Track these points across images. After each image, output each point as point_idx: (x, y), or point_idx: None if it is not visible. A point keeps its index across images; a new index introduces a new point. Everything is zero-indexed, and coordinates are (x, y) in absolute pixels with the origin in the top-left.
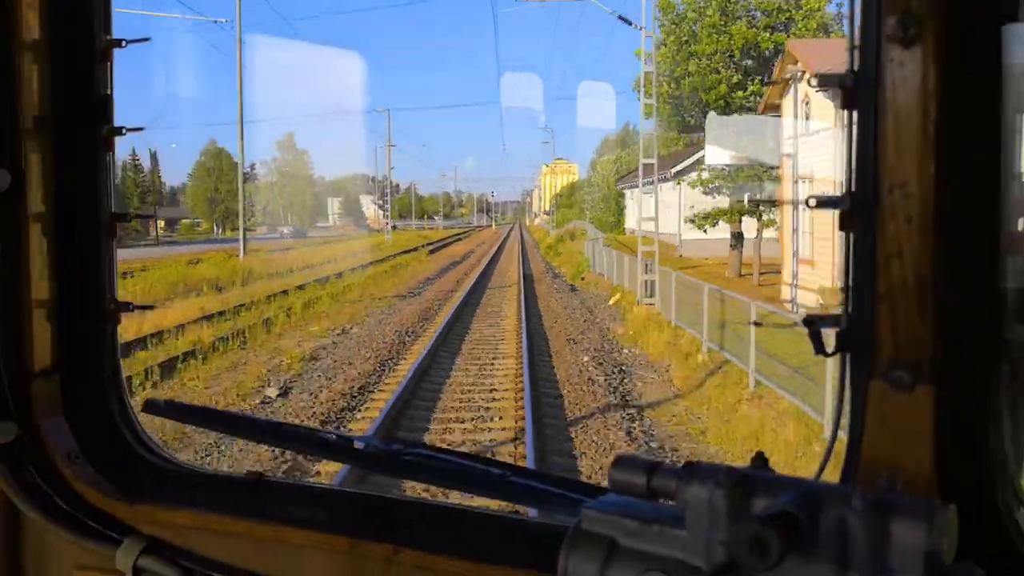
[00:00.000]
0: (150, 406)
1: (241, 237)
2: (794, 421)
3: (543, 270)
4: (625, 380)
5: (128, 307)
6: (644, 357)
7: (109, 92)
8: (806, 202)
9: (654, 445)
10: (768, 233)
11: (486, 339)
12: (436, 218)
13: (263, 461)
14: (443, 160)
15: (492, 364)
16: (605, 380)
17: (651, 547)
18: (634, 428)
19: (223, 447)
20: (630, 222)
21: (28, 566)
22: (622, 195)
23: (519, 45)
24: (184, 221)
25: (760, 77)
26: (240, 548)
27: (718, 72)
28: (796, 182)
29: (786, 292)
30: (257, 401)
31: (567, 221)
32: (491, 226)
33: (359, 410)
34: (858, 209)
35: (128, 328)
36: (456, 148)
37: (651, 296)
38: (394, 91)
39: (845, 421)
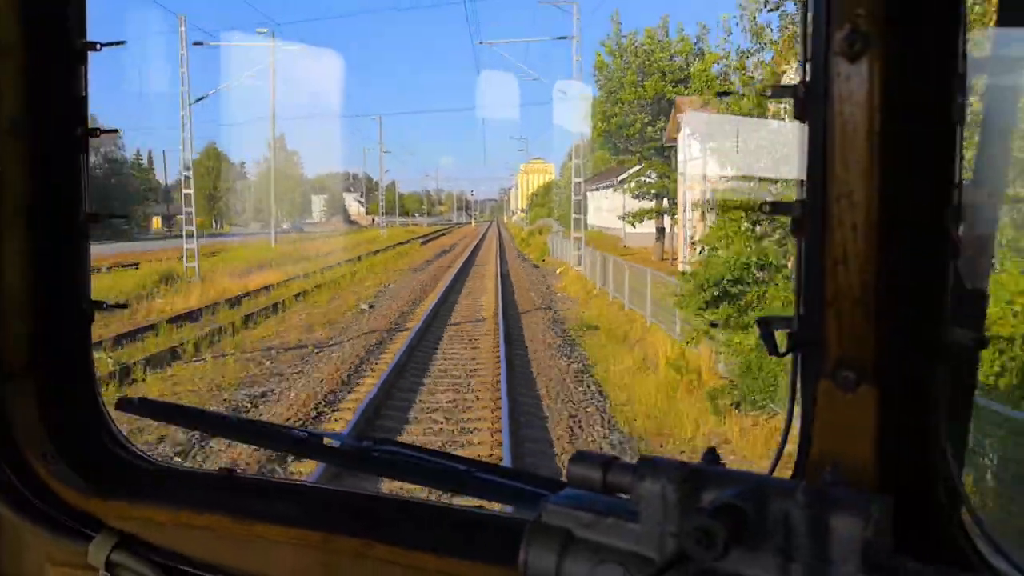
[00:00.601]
0: (123, 404)
1: (272, 229)
2: (619, 310)
3: (515, 256)
4: (551, 302)
5: (101, 306)
6: (565, 295)
7: (84, 94)
8: (760, 207)
9: (559, 317)
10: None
11: (476, 290)
12: (417, 215)
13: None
14: (423, 159)
15: (480, 303)
16: (541, 302)
17: (606, 539)
18: (548, 315)
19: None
20: (592, 219)
21: (3, 562)
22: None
23: (496, 50)
24: (179, 217)
25: (665, 118)
26: (212, 543)
27: (635, 115)
28: (685, 192)
29: (680, 267)
30: (357, 311)
31: (538, 218)
32: (471, 223)
33: (410, 317)
34: (808, 217)
35: (272, 280)
36: (435, 147)
37: (580, 266)
38: (374, 92)
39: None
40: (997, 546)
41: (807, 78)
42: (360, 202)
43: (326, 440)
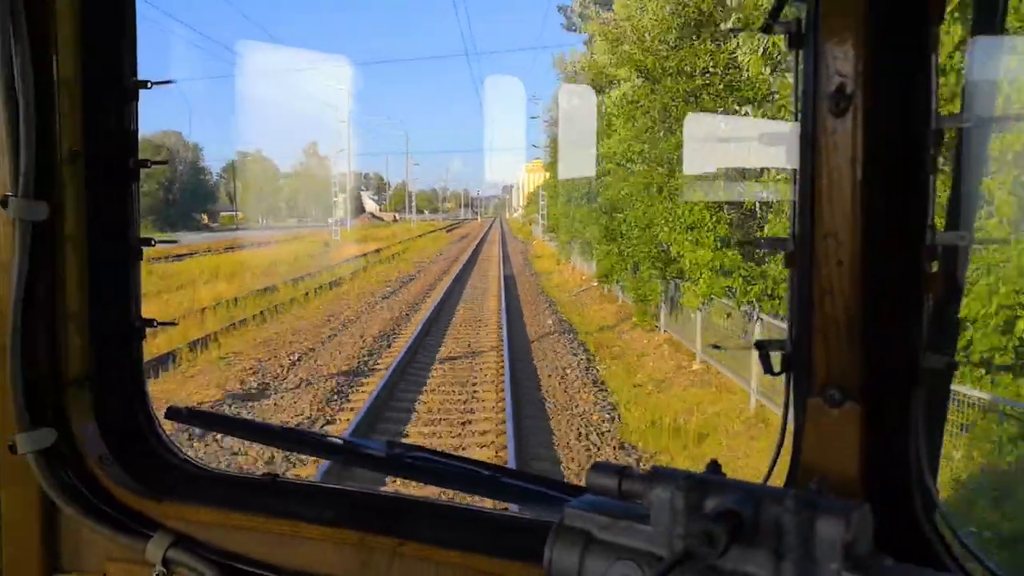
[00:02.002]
0: (172, 413)
1: (336, 221)
2: (553, 255)
3: (511, 237)
4: (525, 251)
5: (152, 323)
6: (533, 251)
7: (135, 128)
8: (756, 242)
9: (527, 257)
10: None
11: (488, 256)
12: (426, 212)
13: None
14: (430, 158)
15: (492, 253)
16: (520, 251)
17: (622, 540)
18: (521, 255)
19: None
20: None
21: (64, 558)
22: None
23: (500, 56)
24: (224, 214)
25: None
26: (257, 542)
27: None
28: None
29: None
30: (436, 255)
31: (532, 213)
32: (477, 219)
33: (461, 258)
34: (798, 252)
35: (351, 250)
36: (442, 146)
37: (543, 238)
38: (382, 93)
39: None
40: (968, 549)
41: (799, 128)
42: (374, 200)
43: (362, 449)
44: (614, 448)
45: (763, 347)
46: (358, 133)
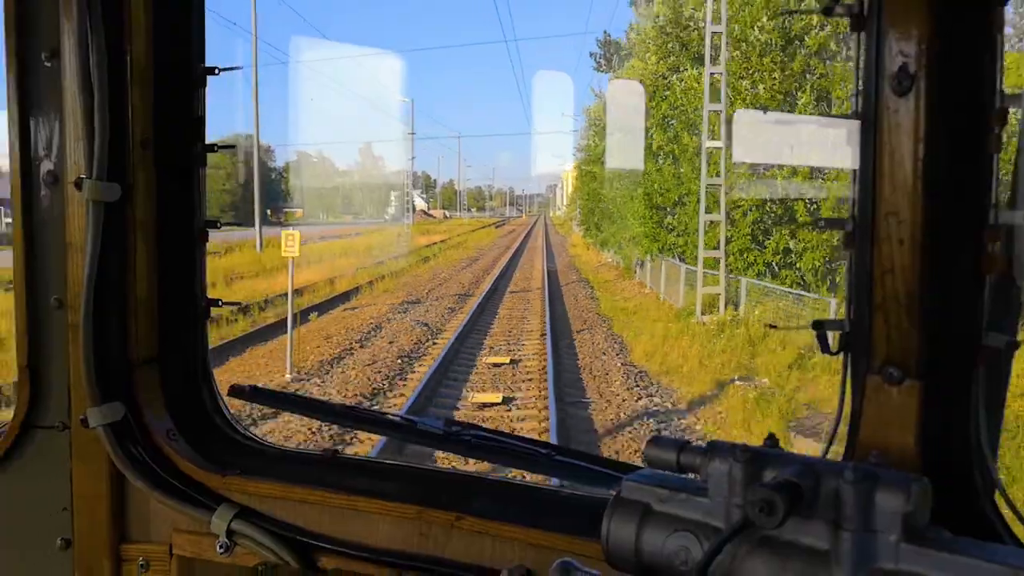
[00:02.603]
0: (235, 391)
1: (411, 216)
2: (585, 242)
3: (554, 233)
4: (563, 239)
5: (217, 303)
6: (570, 239)
7: (203, 114)
8: (815, 223)
9: (564, 242)
10: None
11: (534, 246)
12: (472, 210)
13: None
14: (476, 157)
15: (538, 243)
16: (559, 240)
17: (679, 511)
18: (560, 241)
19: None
20: None
21: (133, 529)
22: None
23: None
24: (287, 210)
25: None
26: (318, 515)
27: None
28: None
29: None
30: (496, 240)
31: (573, 211)
32: (522, 216)
33: (514, 245)
34: (858, 231)
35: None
36: (488, 145)
37: (577, 230)
38: (430, 91)
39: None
40: None
41: (859, 108)
42: (423, 198)
43: (421, 426)
44: (596, 315)
45: (820, 326)
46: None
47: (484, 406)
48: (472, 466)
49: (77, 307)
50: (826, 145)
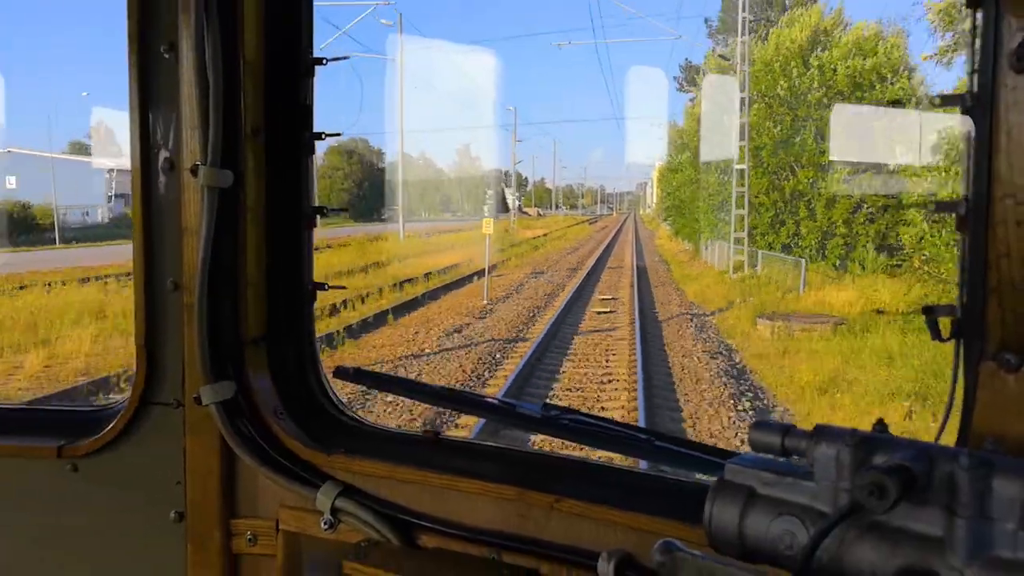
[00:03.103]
0: (340, 372)
1: (515, 213)
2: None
3: (642, 228)
4: (651, 233)
5: (323, 287)
6: (656, 232)
7: (311, 103)
8: (926, 204)
9: (650, 234)
10: None
11: (624, 239)
12: (563, 208)
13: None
14: (568, 155)
15: (626, 238)
16: (648, 239)
17: (784, 495)
18: (649, 243)
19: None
20: None
21: (241, 504)
22: None
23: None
24: (394, 208)
25: None
26: (419, 494)
27: None
28: None
29: None
30: (592, 234)
31: (661, 208)
32: (613, 213)
33: (606, 240)
34: (972, 214)
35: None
36: (580, 143)
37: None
38: (522, 92)
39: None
40: None
41: (974, 88)
42: (515, 196)
43: (520, 409)
44: (669, 279)
45: (931, 312)
46: (502, 134)
47: (599, 313)
48: (569, 449)
49: (192, 289)
50: (917, 138)
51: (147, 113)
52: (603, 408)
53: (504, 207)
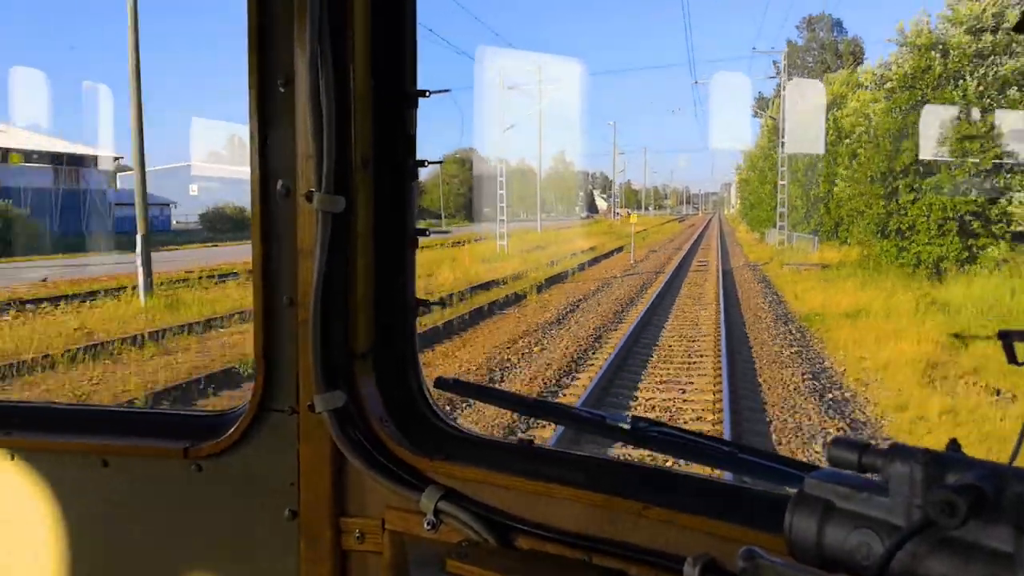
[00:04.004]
0: (440, 383)
1: (586, 216)
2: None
3: (726, 226)
4: (732, 234)
5: (426, 303)
6: (736, 229)
7: (414, 133)
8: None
9: (732, 239)
10: None
11: (711, 235)
12: (650, 208)
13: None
14: (654, 158)
15: (712, 234)
16: (731, 235)
17: (861, 509)
18: (730, 237)
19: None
20: None
21: (350, 505)
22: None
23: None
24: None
25: None
26: (514, 499)
27: None
28: None
29: None
30: (683, 231)
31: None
32: (698, 213)
33: (691, 239)
34: None
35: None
36: (666, 145)
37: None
38: (611, 96)
39: None
40: None
41: None
42: (603, 198)
43: (609, 421)
44: (741, 252)
45: (1007, 337)
46: (590, 137)
47: (697, 268)
48: (653, 458)
49: (306, 305)
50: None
51: (265, 142)
52: (701, 294)
53: (593, 208)
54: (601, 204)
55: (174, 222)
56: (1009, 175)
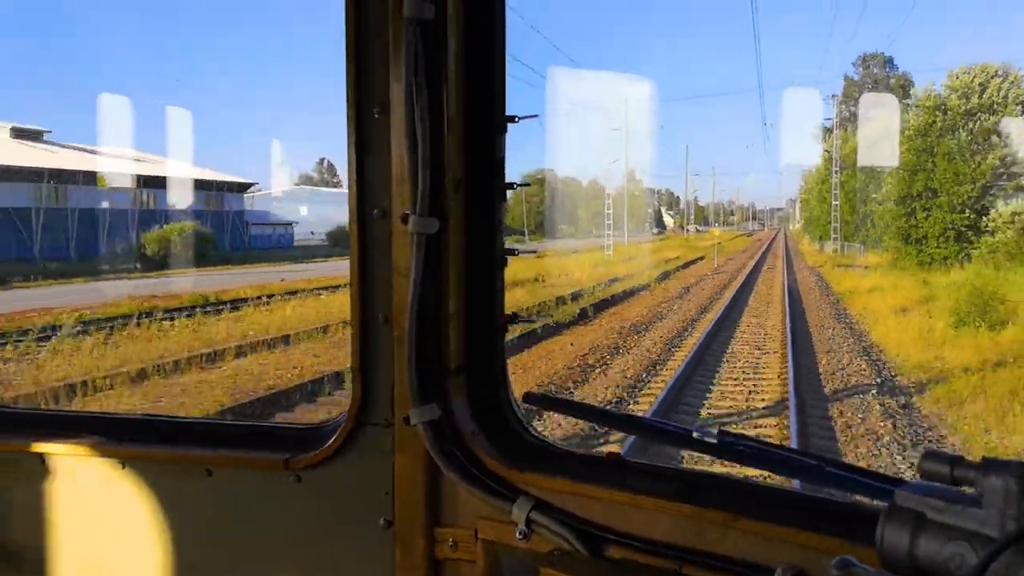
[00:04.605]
0: (529, 398)
1: (657, 231)
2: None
3: (791, 240)
4: (795, 246)
5: (514, 319)
6: (799, 240)
7: (503, 156)
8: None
9: (795, 249)
10: None
11: (777, 247)
12: (718, 224)
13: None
14: (720, 176)
15: (778, 247)
16: (795, 249)
17: (955, 521)
18: (795, 248)
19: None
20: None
21: (444, 514)
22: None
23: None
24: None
25: None
26: (604, 510)
27: None
28: None
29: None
30: (756, 244)
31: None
32: (764, 229)
33: (760, 250)
34: None
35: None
36: (732, 164)
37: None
38: (678, 113)
39: None
40: None
41: None
42: (670, 215)
43: (695, 434)
44: (802, 258)
45: None
46: (659, 156)
47: (767, 269)
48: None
49: (401, 323)
50: None
51: (362, 167)
52: (772, 281)
53: (661, 224)
54: (668, 221)
55: (296, 240)
56: (991, 197)
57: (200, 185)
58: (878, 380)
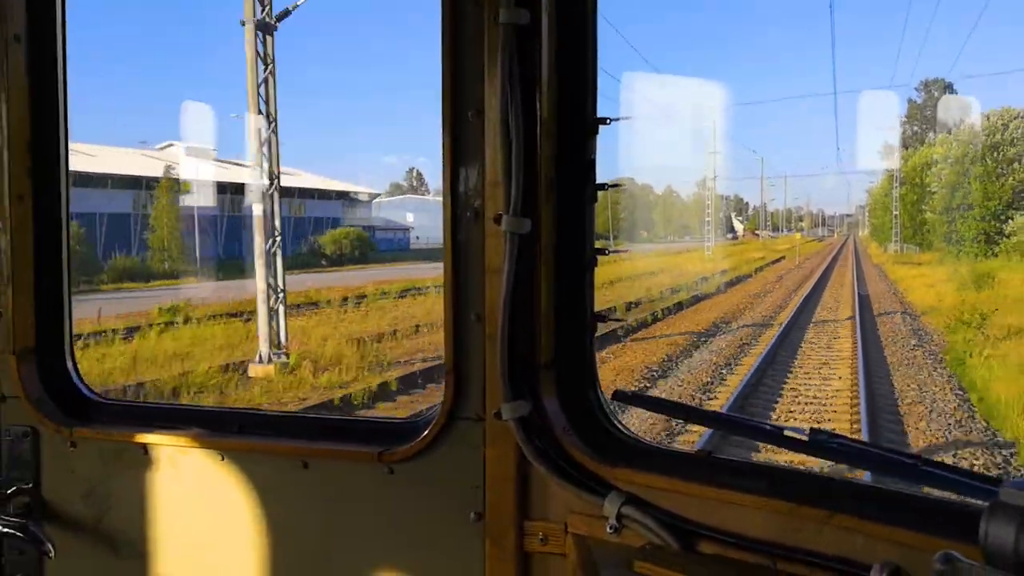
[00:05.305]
0: (618, 395)
1: (733, 236)
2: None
3: (860, 244)
4: (864, 251)
5: (603, 318)
6: (869, 247)
7: (594, 158)
8: None
9: (864, 253)
10: None
11: (847, 252)
12: (783, 230)
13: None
14: (790, 182)
15: (848, 251)
16: (864, 252)
17: None
18: (863, 251)
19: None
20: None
21: (533, 508)
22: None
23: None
24: (642, 233)
25: None
26: (695, 506)
27: None
28: None
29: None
30: (830, 249)
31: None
32: (833, 235)
33: (832, 255)
34: None
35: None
36: (799, 169)
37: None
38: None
39: None
40: None
41: None
42: (740, 220)
43: (787, 432)
44: (869, 258)
45: None
46: (730, 161)
47: (839, 266)
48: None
49: (494, 320)
50: None
51: (457, 169)
52: (844, 273)
53: (731, 229)
54: (738, 226)
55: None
56: (1012, 210)
57: (339, 195)
58: (907, 317)
